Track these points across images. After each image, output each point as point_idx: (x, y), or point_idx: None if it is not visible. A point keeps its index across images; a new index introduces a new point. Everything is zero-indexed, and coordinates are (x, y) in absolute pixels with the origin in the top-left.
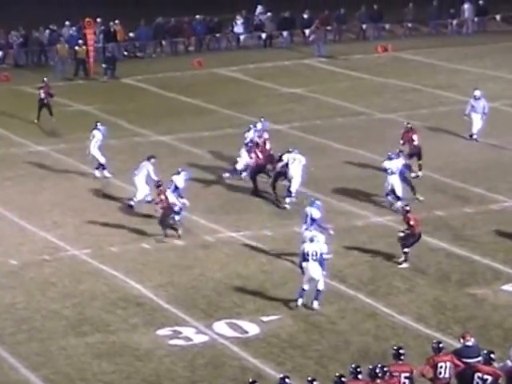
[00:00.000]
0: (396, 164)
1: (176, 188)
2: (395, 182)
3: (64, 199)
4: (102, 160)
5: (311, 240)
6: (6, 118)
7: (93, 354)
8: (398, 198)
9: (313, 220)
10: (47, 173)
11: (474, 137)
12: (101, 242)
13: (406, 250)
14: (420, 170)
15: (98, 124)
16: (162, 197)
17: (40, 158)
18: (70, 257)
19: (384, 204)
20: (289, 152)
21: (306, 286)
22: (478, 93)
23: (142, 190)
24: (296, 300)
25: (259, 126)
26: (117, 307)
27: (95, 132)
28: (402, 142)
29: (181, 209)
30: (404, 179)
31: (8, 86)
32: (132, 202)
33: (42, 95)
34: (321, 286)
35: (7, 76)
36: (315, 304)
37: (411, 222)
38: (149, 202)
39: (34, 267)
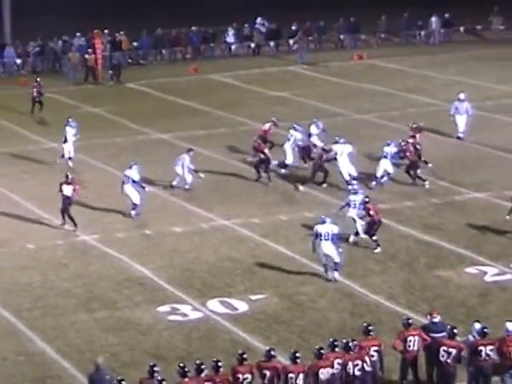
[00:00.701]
0: (389, 150)
1: (134, 181)
2: (386, 165)
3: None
4: (67, 154)
5: (323, 222)
6: (23, 118)
7: (101, 328)
8: (376, 178)
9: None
10: (53, 168)
11: (461, 136)
12: (108, 228)
13: (374, 237)
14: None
15: (70, 120)
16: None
17: (53, 153)
18: (81, 241)
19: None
20: (336, 143)
21: (323, 260)
22: (462, 95)
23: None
24: (326, 274)
25: (313, 129)
26: (122, 287)
27: (67, 128)
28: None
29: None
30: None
31: (26, 90)
32: (174, 183)
33: (35, 93)
34: (337, 259)
35: (25, 81)
36: (336, 275)
37: (371, 212)
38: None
39: (49, 250)
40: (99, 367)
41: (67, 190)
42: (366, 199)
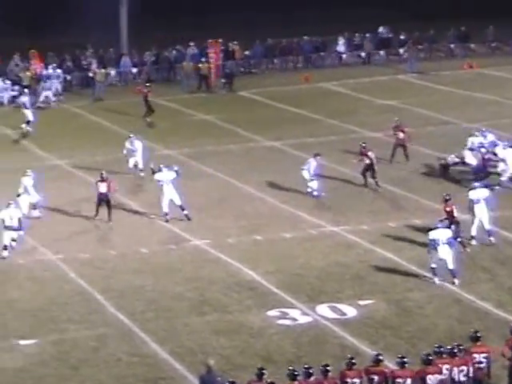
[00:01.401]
0: None
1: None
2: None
3: (189, 197)
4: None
5: (436, 228)
6: (139, 125)
7: (212, 331)
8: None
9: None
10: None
11: None
12: (219, 234)
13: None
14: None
15: (132, 135)
16: None
17: (169, 160)
18: (193, 246)
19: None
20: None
21: (433, 265)
22: None
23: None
24: (432, 278)
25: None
26: (233, 291)
27: (137, 141)
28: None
29: None
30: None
31: (141, 98)
32: (309, 189)
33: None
34: (450, 266)
35: (140, 89)
36: (455, 281)
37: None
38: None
39: (162, 255)
40: (211, 369)
41: (102, 188)
42: (447, 197)
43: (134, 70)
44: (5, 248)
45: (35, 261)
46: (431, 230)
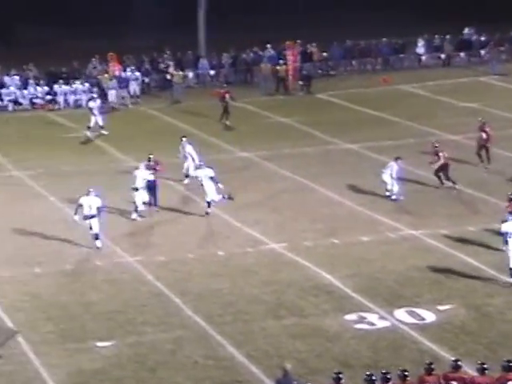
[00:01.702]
0: None
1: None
2: None
3: (264, 199)
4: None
5: (506, 221)
6: (216, 127)
7: (288, 335)
8: None
9: None
10: (250, 175)
11: None
12: (296, 237)
13: None
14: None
15: (184, 139)
16: None
17: (244, 163)
18: (270, 249)
19: None
20: None
21: (511, 265)
22: None
23: (389, 185)
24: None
25: None
26: (309, 294)
27: (189, 146)
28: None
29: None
30: None
31: (217, 101)
32: (388, 193)
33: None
34: None
35: (218, 92)
36: None
37: None
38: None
39: (239, 258)
40: (287, 373)
41: (148, 176)
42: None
43: (212, 73)
44: (96, 238)
45: (113, 263)
46: (504, 222)
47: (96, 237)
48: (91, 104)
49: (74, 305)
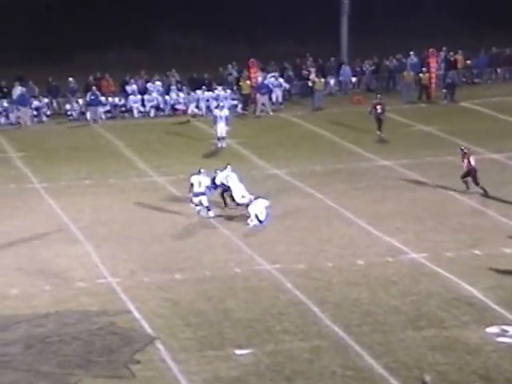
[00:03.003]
0: None
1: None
2: None
3: (405, 208)
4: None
5: None
6: (357, 135)
7: (428, 347)
8: None
9: None
10: (391, 184)
11: None
12: (437, 247)
13: None
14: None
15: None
16: None
17: (385, 171)
18: (410, 259)
19: None
20: None
21: None
22: None
23: None
24: None
25: None
26: (450, 306)
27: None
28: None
29: None
30: None
31: (359, 108)
32: None
33: (379, 110)
34: None
35: (359, 99)
36: None
37: None
38: None
39: (378, 267)
40: None
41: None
42: None
43: (354, 80)
44: (208, 209)
45: (252, 270)
46: None
47: (208, 208)
48: (218, 112)
49: (212, 312)
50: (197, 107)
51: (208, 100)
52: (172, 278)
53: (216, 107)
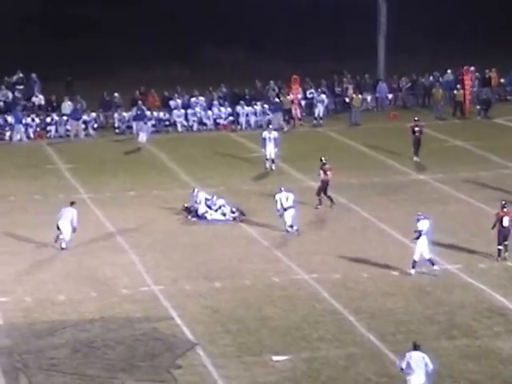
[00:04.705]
0: None
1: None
2: None
3: (439, 220)
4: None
5: None
6: (394, 150)
7: (460, 356)
8: None
9: None
10: (425, 197)
11: None
12: (470, 258)
13: None
14: None
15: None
16: None
17: (420, 184)
18: (443, 270)
19: None
20: None
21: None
22: None
23: None
24: None
25: None
26: (482, 316)
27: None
28: None
29: None
30: None
31: (395, 124)
32: None
33: (417, 133)
34: None
35: (395, 115)
36: None
37: None
38: None
39: (412, 278)
40: None
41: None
42: None
43: (390, 96)
44: (290, 226)
45: (289, 280)
46: None
47: (291, 226)
48: (266, 134)
49: (251, 319)
50: (236, 121)
51: (247, 115)
52: (212, 286)
53: (266, 128)
